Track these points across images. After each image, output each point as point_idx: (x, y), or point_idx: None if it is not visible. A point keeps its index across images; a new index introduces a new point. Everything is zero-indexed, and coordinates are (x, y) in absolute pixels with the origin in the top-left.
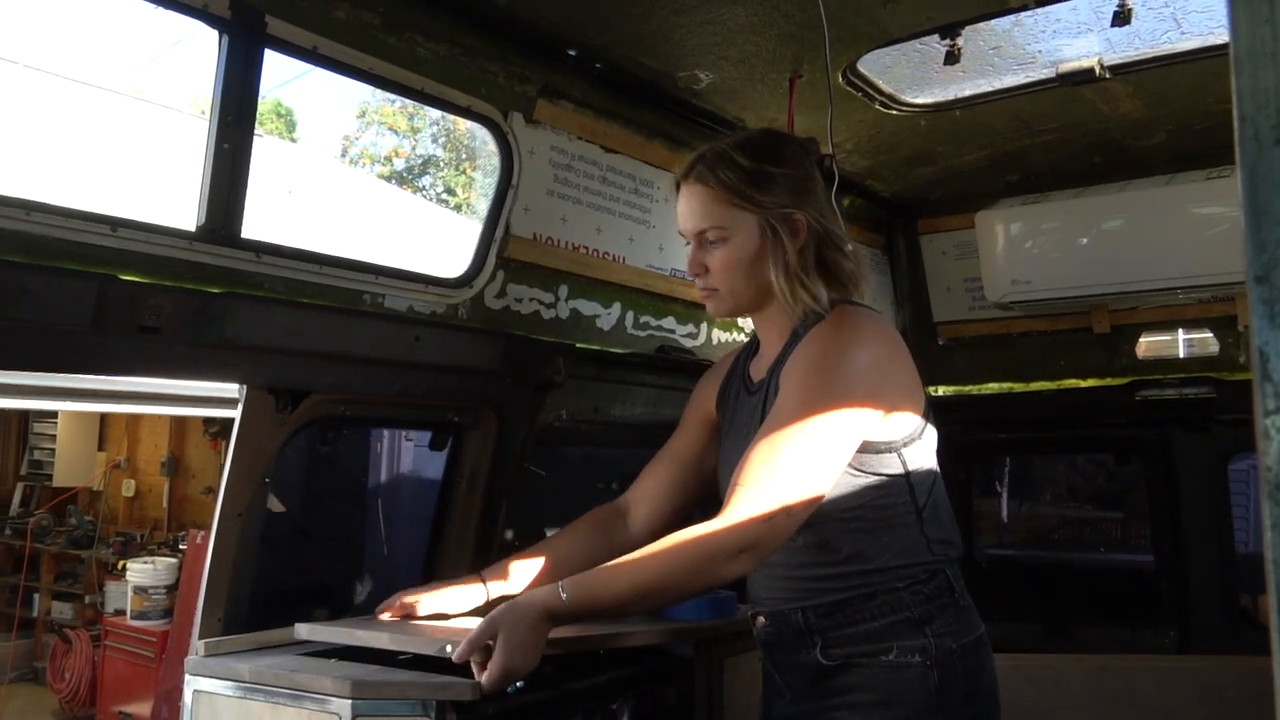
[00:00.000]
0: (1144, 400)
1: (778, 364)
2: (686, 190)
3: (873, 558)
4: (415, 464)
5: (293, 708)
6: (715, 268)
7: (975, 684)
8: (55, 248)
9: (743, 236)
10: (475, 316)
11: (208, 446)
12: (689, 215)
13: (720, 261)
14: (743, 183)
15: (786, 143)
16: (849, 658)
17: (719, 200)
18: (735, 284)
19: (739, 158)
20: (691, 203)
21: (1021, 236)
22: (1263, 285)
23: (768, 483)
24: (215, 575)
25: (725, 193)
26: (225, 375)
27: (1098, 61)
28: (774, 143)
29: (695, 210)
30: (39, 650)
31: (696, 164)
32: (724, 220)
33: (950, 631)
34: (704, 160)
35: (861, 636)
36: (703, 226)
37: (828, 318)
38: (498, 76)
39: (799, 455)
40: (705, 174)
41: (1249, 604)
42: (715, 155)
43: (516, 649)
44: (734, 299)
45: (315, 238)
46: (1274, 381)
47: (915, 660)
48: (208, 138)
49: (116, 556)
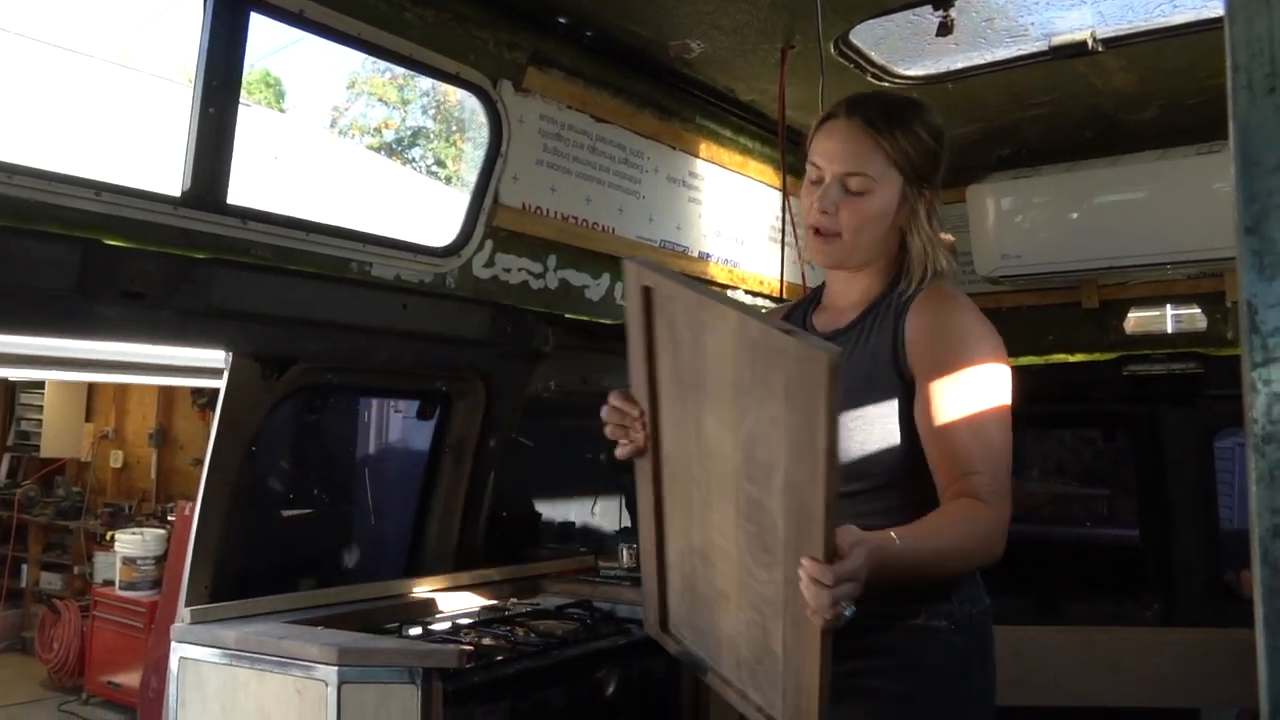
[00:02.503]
0: (1132, 375)
1: (859, 325)
2: (846, 128)
3: (909, 516)
4: (403, 433)
5: (279, 674)
6: (847, 215)
7: (987, 652)
8: (39, 211)
9: (886, 195)
10: (463, 286)
11: (196, 418)
12: (843, 155)
13: (856, 212)
14: (918, 153)
15: (933, 115)
16: (873, 616)
17: (881, 154)
18: (862, 237)
19: (920, 130)
20: (849, 145)
21: (1012, 211)
22: (1252, 236)
23: (1001, 465)
24: (201, 542)
25: (896, 153)
26: (211, 342)
27: (1090, 34)
28: (928, 112)
29: (851, 153)
30: (27, 620)
31: (862, 104)
32: (876, 170)
33: (970, 598)
34: (871, 104)
35: (889, 596)
36: (853, 170)
37: (940, 292)
38: (487, 43)
39: (1006, 438)
40: (874, 117)
41: (1232, 579)
42: (899, 111)
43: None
44: (851, 250)
45: (304, 207)
46: (1261, 333)
47: (942, 624)
48: (192, 102)
49: (104, 528)
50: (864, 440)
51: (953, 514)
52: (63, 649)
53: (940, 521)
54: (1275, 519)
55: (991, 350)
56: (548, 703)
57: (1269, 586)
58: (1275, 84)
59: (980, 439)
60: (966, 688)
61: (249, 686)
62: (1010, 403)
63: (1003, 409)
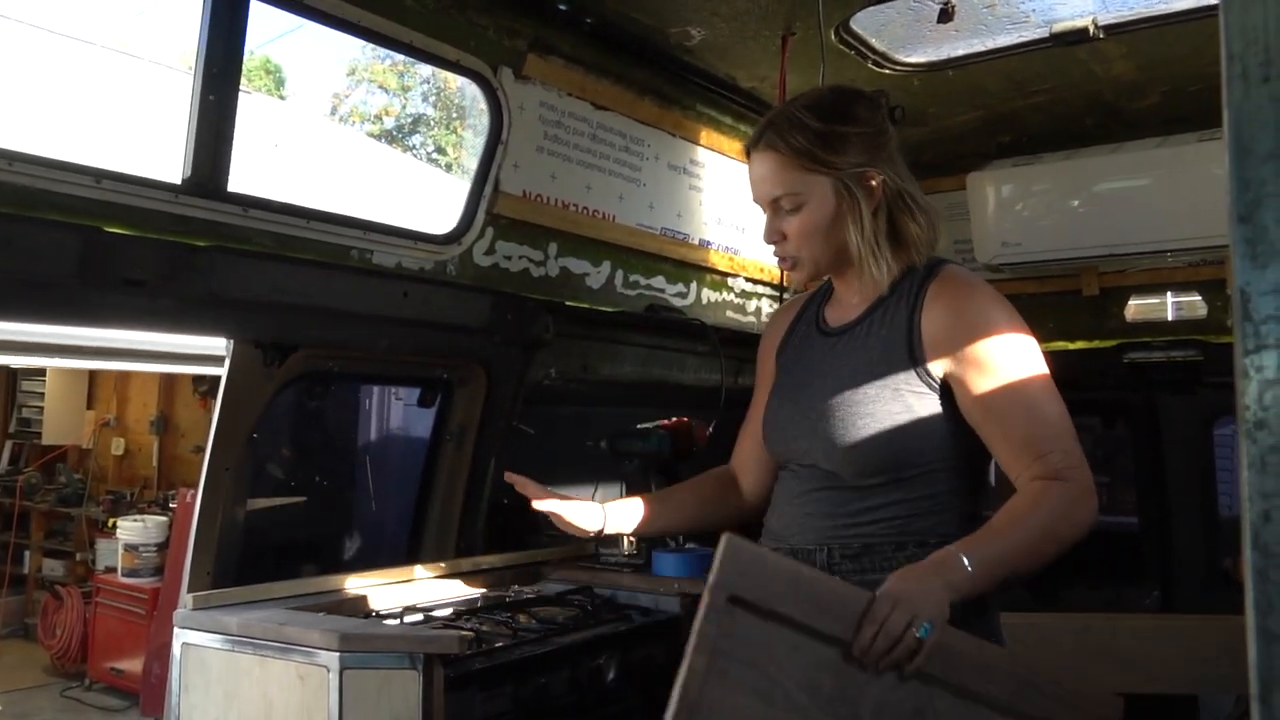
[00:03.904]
0: (1131, 363)
1: (868, 318)
2: (757, 158)
3: (922, 509)
4: (404, 421)
5: (281, 660)
6: (792, 235)
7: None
8: (39, 199)
9: (818, 201)
10: (464, 273)
11: (197, 405)
12: (761, 183)
13: (797, 229)
14: (815, 145)
15: (856, 99)
16: None
17: (791, 166)
18: (814, 250)
19: (809, 120)
20: (763, 170)
21: (1012, 198)
22: (1245, 224)
23: (1066, 437)
24: (204, 529)
25: (797, 158)
26: (212, 329)
27: (1091, 21)
28: (843, 100)
29: (767, 178)
30: (30, 606)
31: (765, 131)
32: (798, 186)
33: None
34: (773, 126)
35: None
36: (776, 194)
37: (954, 279)
38: (487, 30)
39: (1060, 408)
40: (775, 140)
41: (1230, 567)
42: (784, 119)
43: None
44: (814, 265)
45: (304, 195)
46: (1254, 320)
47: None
48: (193, 89)
49: (106, 515)
50: (881, 434)
51: (1018, 505)
52: (65, 635)
53: (1006, 519)
54: (1266, 504)
55: (1018, 326)
56: (548, 688)
57: (1259, 570)
58: (1269, 72)
59: (1038, 419)
60: None
61: (251, 672)
62: (1051, 378)
63: (1046, 380)
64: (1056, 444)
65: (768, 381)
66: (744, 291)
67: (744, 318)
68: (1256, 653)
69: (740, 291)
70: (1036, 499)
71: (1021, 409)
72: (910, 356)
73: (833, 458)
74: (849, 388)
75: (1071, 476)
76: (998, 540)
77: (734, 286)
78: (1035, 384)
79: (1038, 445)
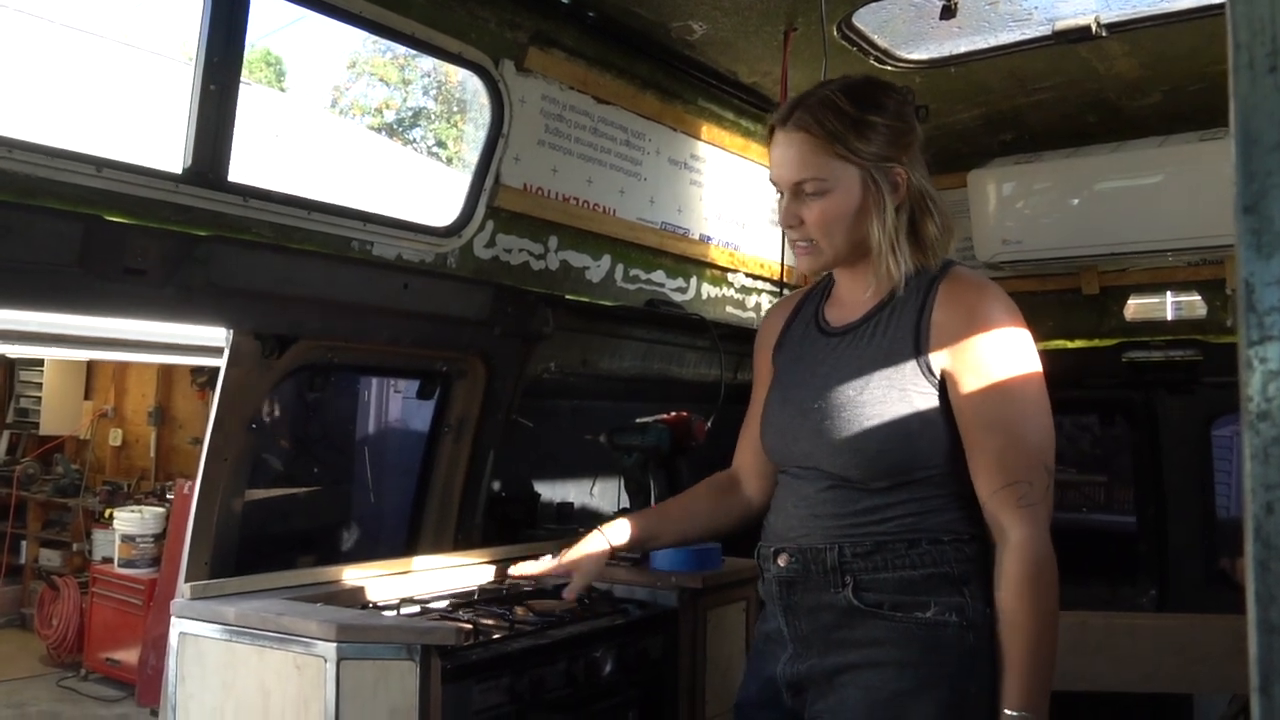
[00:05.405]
0: (1130, 362)
1: (874, 317)
2: (785, 137)
3: (933, 507)
4: (402, 413)
5: (278, 650)
6: (812, 221)
7: (996, 653)
8: (40, 187)
9: (843, 190)
10: (464, 266)
11: (195, 397)
12: (787, 165)
13: (818, 215)
14: (848, 130)
15: (888, 90)
16: (881, 605)
17: (821, 150)
18: (835, 238)
19: (843, 104)
20: (790, 151)
21: (1013, 196)
22: (1251, 215)
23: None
24: (201, 519)
25: (829, 141)
26: (211, 319)
27: (1094, 19)
28: (877, 90)
29: (794, 160)
30: (26, 597)
31: (796, 109)
32: (825, 172)
33: (983, 596)
34: (804, 105)
35: (897, 584)
36: (802, 177)
37: (965, 283)
38: (489, 22)
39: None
40: (807, 120)
41: (1227, 567)
42: (817, 100)
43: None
44: (833, 253)
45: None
46: (1258, 311)
47: (953, 619)
48: (194, 78)
49: (103, 505)
50: (890, 439)
51: (1014, 623)
52: (62, 625)
53: (1016, 649)
54: (1269, 495)
55: (1020, 335)
56: (545, 681)
57: (1261, 561)
58: (1276, 63)
59: (1015, 441)
60: (971, 689)
61: (249, 662)
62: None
63: (1037, 396)
64: (1025, 474)
65: (766, 379)
66: (744, 287)
67: (744, 313)
68: (1257, 645)
69: (740, 287)
70: (1017, 590)
71: (1002, 427)
72: (915, 349)
73: (838, 461)
74: (854, 390)
75: (1023, 519)
76: (1025, 674)
77: (734, 282)
78: (1024, 400)
79: (1007, 471)
